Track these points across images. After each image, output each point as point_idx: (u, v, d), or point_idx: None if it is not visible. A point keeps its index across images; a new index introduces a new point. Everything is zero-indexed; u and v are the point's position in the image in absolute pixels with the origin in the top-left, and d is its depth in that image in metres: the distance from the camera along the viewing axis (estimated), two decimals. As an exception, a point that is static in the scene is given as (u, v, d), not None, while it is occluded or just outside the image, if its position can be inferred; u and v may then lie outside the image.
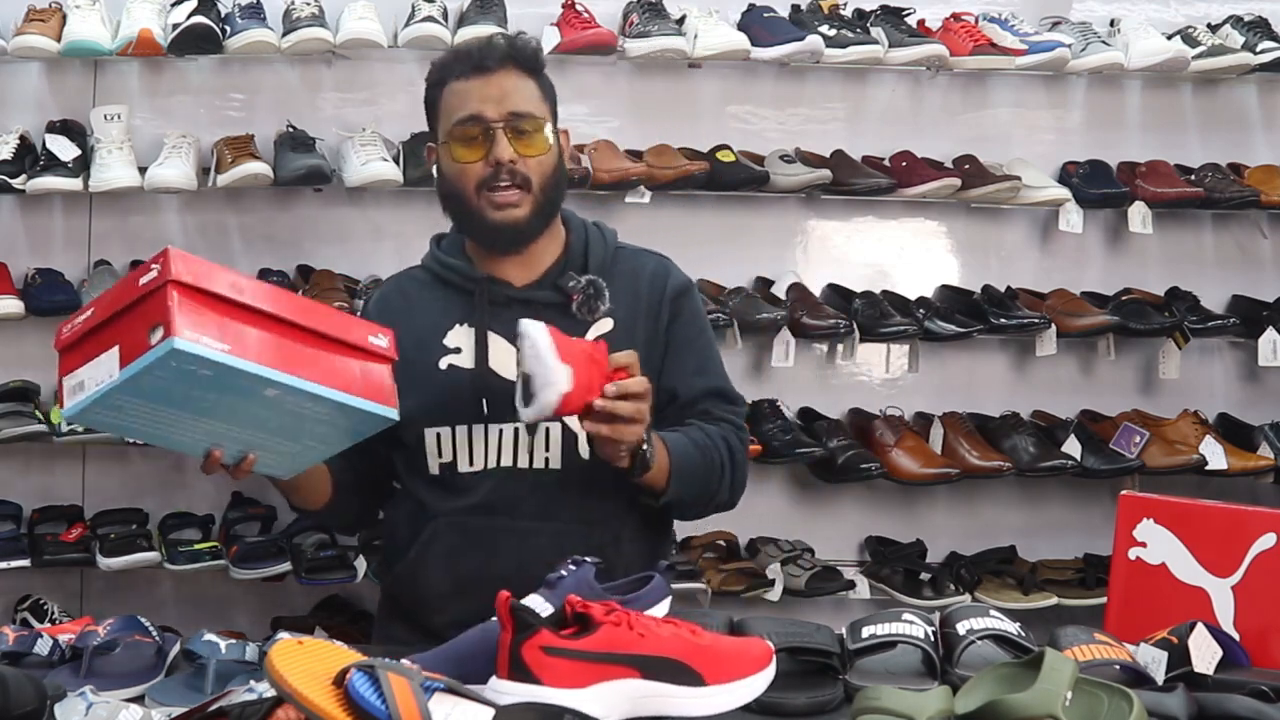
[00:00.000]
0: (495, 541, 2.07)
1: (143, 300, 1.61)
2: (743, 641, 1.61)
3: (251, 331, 1.65)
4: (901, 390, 3.44)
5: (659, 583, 1.67)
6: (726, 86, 3.42)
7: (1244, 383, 3.54)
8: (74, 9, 3.07)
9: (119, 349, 1.62)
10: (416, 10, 3.13)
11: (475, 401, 2.07)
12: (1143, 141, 3.49)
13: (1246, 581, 1.86)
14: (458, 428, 2.08)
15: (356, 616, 3.25)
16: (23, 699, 1.49)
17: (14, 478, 3.24)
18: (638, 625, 1.53)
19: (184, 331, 1.57)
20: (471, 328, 2.10)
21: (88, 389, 1.65)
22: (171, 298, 1.58)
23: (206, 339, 1.59)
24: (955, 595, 3.19)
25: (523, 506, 2.07)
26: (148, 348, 1.58)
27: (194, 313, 1.59)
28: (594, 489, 2.07)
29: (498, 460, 2.08)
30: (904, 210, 3.45)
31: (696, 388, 2.14)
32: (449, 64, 2.13)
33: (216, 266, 1.66)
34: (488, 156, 2.05)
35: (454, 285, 2.15)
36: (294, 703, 1.31)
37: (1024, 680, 1.47)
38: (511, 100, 2.06)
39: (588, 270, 2.11)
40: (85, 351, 1.67)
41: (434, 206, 3.31)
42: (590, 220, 2.23)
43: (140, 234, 3.30)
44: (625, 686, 1.51)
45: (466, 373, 2.08)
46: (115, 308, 1.64)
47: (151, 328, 1.58)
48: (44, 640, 1.77)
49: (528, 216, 2.07)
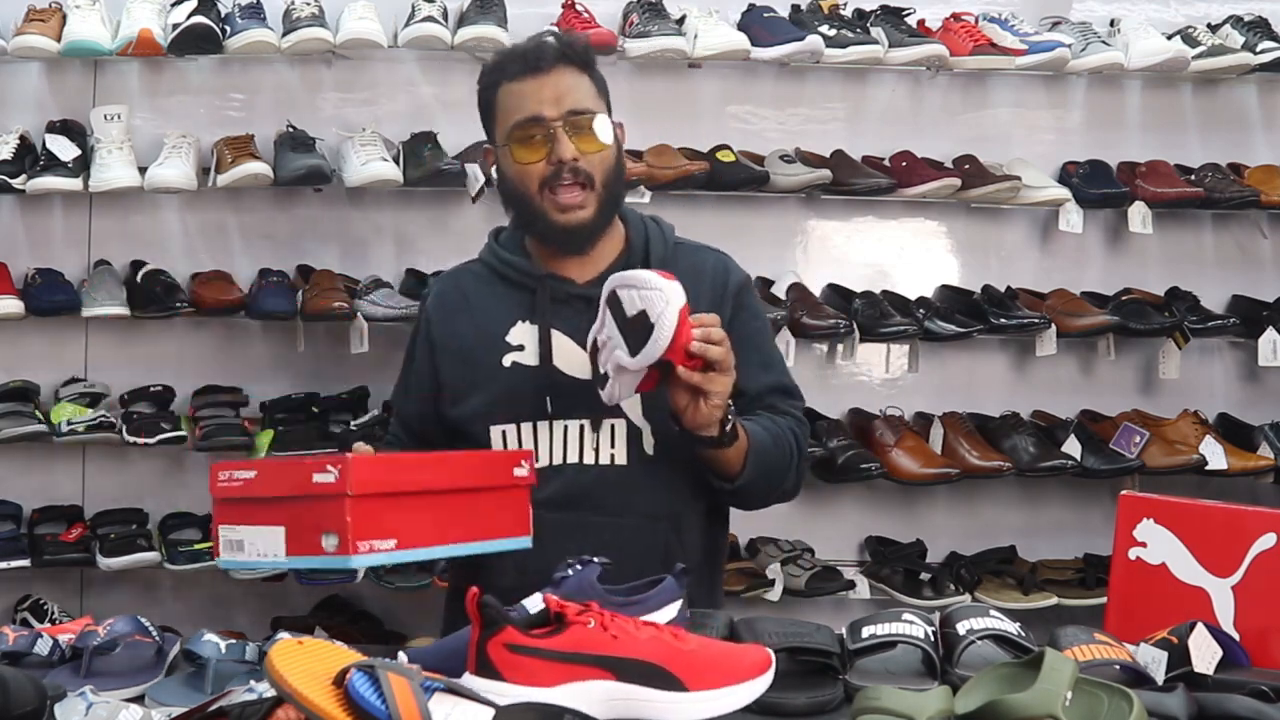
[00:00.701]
0: (561, 537, 2.07)
1: (316, 499, 1.63)
2: (738, 648, 1.60)
3: (414, 514, 1.70)
4: (901, 390, 3.44)
5: (669, 585, 1.66)
6: (726, 86, 3.42)
7: (1244, 383, 3.54)
8: (74, 9, 3.07)
9: (285, 532, 1.66)
10: (416, 10, 3.13)
11: (540, 398, 2.09)
12: (1143, 141, 3.49)
13: (1246, 581, 1.86)
14: (523, 424, 2.10)
15: (356, 616, 3.25)
16: (23, 699, 1.48)
17: (14, 478, 3.24)
18: (612, 627, 1.51)
19: (358, 545, 1.61)
20: (534, 325, 2.11)
21: (248, 553, 1.70)
22: (349, 511, 1.61)
23: (377, 543, 1.64)
24: (955, 595, 3.20)
25: (588, 502, 2.09)
26: (319, 548, 1.62)
27: (368, 519, 1.63)
28: (659, 484, 2.10)
29: (564, 457, 2.10)
30: (904, 210, 3.45)
31: (762, 383, 2.16)
32: (502, 65, 2.14)
33: (390, 463, 1.73)
34: (549, 156, 2.06)
35: (514, 282, 2.16)
36: (294, 703, 1.31)
37: (1024, 680, 1.47)
38: (569, 98, 2.07)
39: (649, 266, 2.11)
40: (247, 513, 1.71)
41: (433, 206, 3.36)
42: (648, 216, 2.24)
43: (140, 234, 3.31)
44: (597, 688, 1.49)
45: (530, 370, 2.10)
46: (284, 491, 1.67)
47: (324, 532, 1.62)
48: (44, 640, 1.77)
49: (593, 215, 2.09)
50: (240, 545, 1.70)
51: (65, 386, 3.19)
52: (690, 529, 2.15)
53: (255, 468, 1.72)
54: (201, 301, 3.14)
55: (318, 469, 1.63)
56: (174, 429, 3.07)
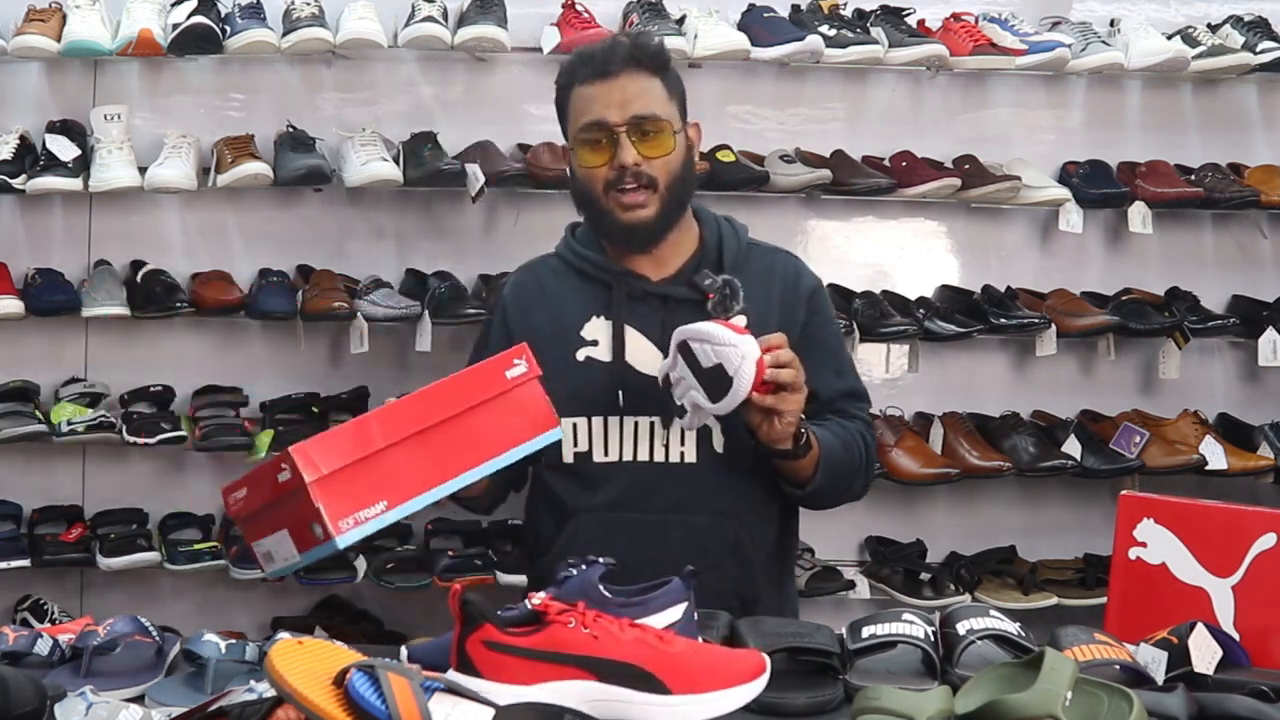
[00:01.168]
0: (633, 535, 2.12)
1: (290, 496, 1.66)
2: (732, 653, 1.59)
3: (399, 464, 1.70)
4: (901, 390, 3.44)
5: (675, 587, 1.65)
6: (726, 86, 3.42)
7: (1244, 383, 3.54)
8: (74, 9, 3.07)
9: (289, 533, 1.70)
10: (416, 10, 3.13)
11: (612, 394, 2.13)
12: (1143, 141, 3.48)
13: (1246, 581, 1.86)
14: (594, 418, 2.15)
15: (356, 616, 3.25)
16: (23, 699, 1.48)
17: (14, 478, 3.24)
18: (593, 627, 1.51)
19: (339, 525, 1.63)
20: (609, 321, 2.16)
21: (278, 561, 1.74)
22: (314, 498, 1.63)
23: (363, 512, 1.66)
24: (955, 595, 3.20)
25: (658, 500, 2.13)
26: (315, 539, 1.66)
27: (341, 497, 1.65)
28: (728, 482, 2.14)
29: (634, 453, 2.14)
30: (904, 210, 3.45)
31: (835, 389, 2.21)
32: (574, 68, 2.18)
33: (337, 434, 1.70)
34: (612, 160, 2.11)
35: (590, 276, 2.20)
36: (294, 703, 1.31)
37: (1024, 680, 1.47)
38: (635, 104, 2.11)
39: (722, 266, 2.16)
40: (261, 525, 1.75)
41: (433, 206, 3.36)
42: (722, 215, 2.27)
43: (140, 234, 3.31)
44: (577, 688, 1.49)
45: (604, 365, 2.15)
46: (267, 498, 1.71)
47: (310, 523, 1.65)
48: (44, 640, 1.77)
49: (655, 216, 2.13)
50: (271, 555, 1.75)
51: (65, 386, 3.19)
52: (760, 527, 2.19)
53: (245, 485, 1.76)
54: (201, 301, 3.14)
55: (276, 470, 1.67)
56: (174, 429, 3.07)
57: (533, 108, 3.34)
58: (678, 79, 2.21)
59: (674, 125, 2.14)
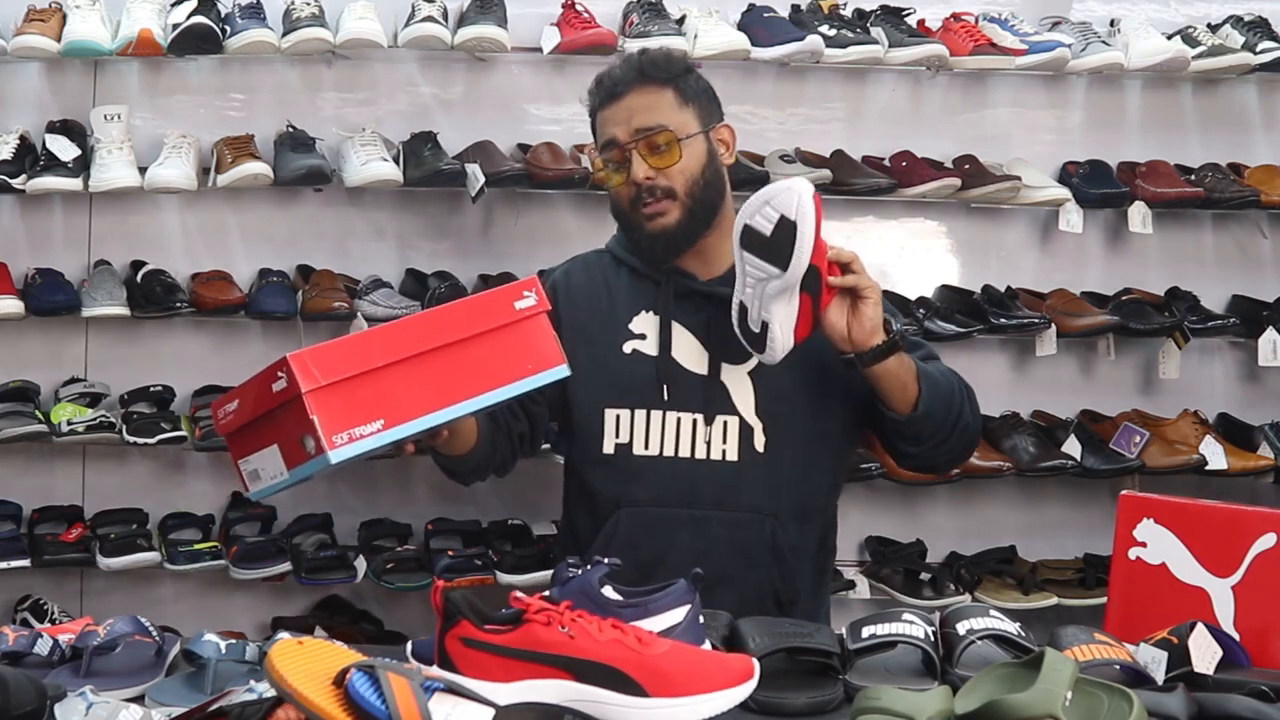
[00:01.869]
0: (674, 530, 2.15)
1: (283, 407, 1.61)
2: (719, 657, 1.58)
3: (399, 384, 1.65)
4: (901, 390, 3.44)
5: (678, 589, 1.65)
6: (726, 86, 3.36)
7: (1244, 383, 3.54)
8: (74, 9, 3.07)
9: (279, 448, 1.64)
10: (416, 10, 3.13)
11: (656, 387, 2.16)
12: (1143, 141, 3.48)
13: (1246, 581, 1.86)
14: (637, 411, 2.17)
15: (356, 616, 3.25)
16: (23, 699, 1.49)
17: (14, 478, 3.24)
18: (572, 627, 1.51)
19: (333, 439, 1.58)
20: (656, 316, 2.19)
21: (264, 479, 1.69)
22: (309, 409, 1.58)
23: (358, 429, 1.60)
24: (955, 595, 3.19)
25: (700, 496, 2.15)
26: (305, 454, 1.60)
27: (337, 411, 1.59)
28: (768, 481, 2.16)
29: (675, 449, 2.16)
30: (904, 210, 3.45)
31: None
32: (593, 94, 2.25)
33: (337, 346, 1.65)
34: (628, 179, 2.16)
35: (639, 273, 2.24)
36: (294, 703, 1.31)
37: (1024, 680, 1.47)
38: (639, 118, 2.16)
39: None
40: (250, 440, 1.69)
41: (433, 206, 3.36)
42: None
43: (140, 234, 3.31)
44: (555, 687, 1.50)
45: (650, 359, 2.18)
46: (258, 410, 1.65)
47: (301, 436, 1.59)
48: (44, 640, 1.77)
49: (677, 222, 2.16)
50: (257, 474, 1.70)
51: (65, 386, 3.19)
52: (800, 529, 2.20)
53: (236, 396, 1.70)
54: (201, 301, 3.13)
55: (272, 378, 1.61)
56: (174, 429, 3.07)
57: (533, 108, 3.34)
58: (697, 82, 2.24)
59: (684, 131, 2.16)
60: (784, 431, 2.16)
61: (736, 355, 2.15)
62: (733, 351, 2.14)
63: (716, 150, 2.22)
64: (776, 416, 2.16)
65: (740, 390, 2.17)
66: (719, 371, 2.17)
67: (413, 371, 1.67)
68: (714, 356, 2.17)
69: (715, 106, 2.26)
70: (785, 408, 2.17)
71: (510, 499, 3.28)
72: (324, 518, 3.25)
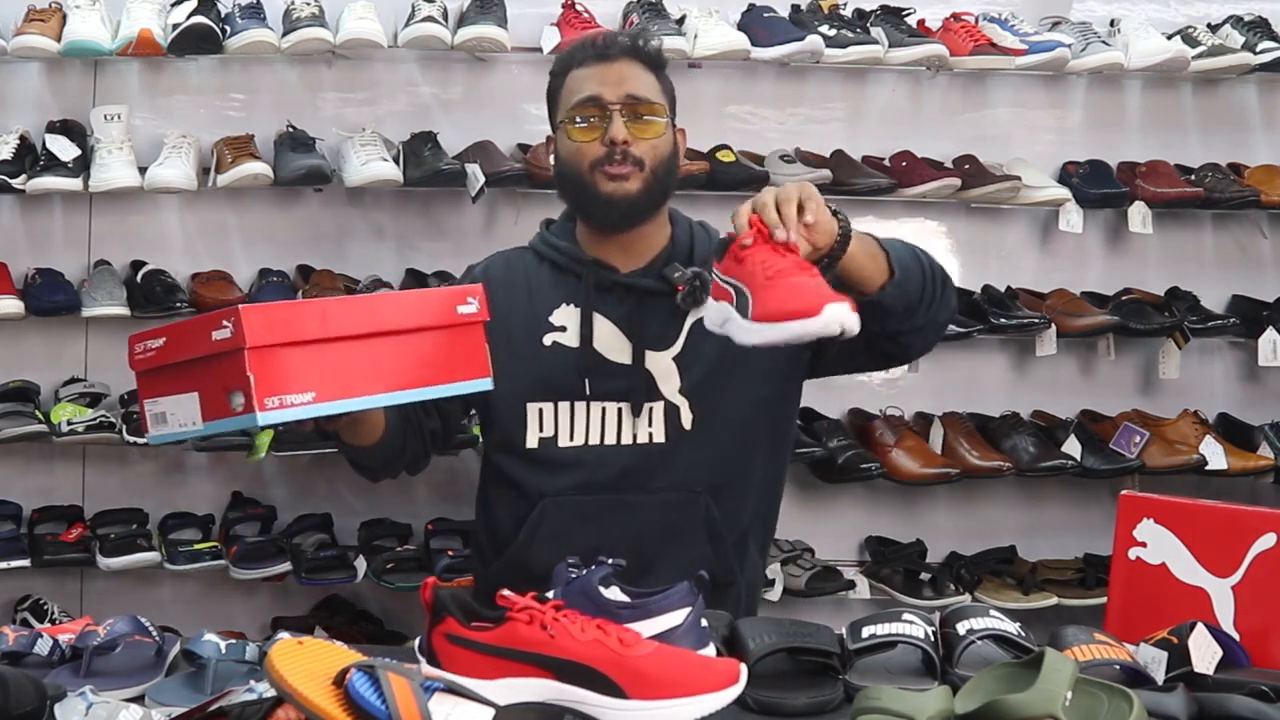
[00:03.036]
0: (602, 517, 2.12)
1: (218, 357, 1.57)
2: (705, 660, 1.56)
3: (335, 362, 1.63)
4: (901, 390, 3.44)
5: (681, 590, 1.64)
6: (726, 86, 3.42)
7: (1244, 383, 3.54)
8: (74, 9, 3.07)
9: (199, 397, 1.60)
10: (416, 10, 3.13)
11: (578, 379, 2.14)
12: (1143, 141, 3.48)
13: (1246, 581, 1.86)
14: (559, 403, 2.15)
15: (356, 616, 3.25)
16: (23, 699, 1.48)
17: (14, 478, 3.24)
18: (554, 626, 1.51)
19: (265, 402, 1.54)
20: (577, 308, 2.16)
21: (170, 425, 1.65)
22: (248, 365, 1.54)
23: (290, 396, 1.57)
24: (955, 595, 3.19)
25: (628, 481, 2.13)
26: (229, 410, 1.56)
27: (274, 374, 1.56)
28: (699, 457, 2.13)
29: (600, 438, 2.14)
30: (904, 210, 3.45)
31: None
32: (573, 53, 2.21)
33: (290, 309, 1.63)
34: (603, 136, 2.11)
35: (560, 267, 2.21)
36: (294, 703, 1.31)
37: (1024, 680, 1.47)
38: (629, 84, 2.13)
39: (692, 262, 2.15)
40: (165, 382, 1.65)
41: (433, 206, 3.35)
42: (698, 221, 2.29)
43: (140, 234, 3.31)
44: (536, 685, 1.50)
45: (571, 351, 2.16)
46: (190, 354, 1.61)
47: (230, 391, 1.55)
48: (44, 640, 1.77)
49: (639, 191, 2.12)
50: (164, 417, 1.66)
51: (65, 386, 3.19)
52: (733, 501, 2.18)
53: (165, 334, 1.67)
54: (201, 301, 3.13)
55: (215, 325, 1.57)
56: (174, 429, 3.07)
57: (533, 108, 3.34)
58: (671, 84, 2.22)
59: (667, 113, 2.16)
60: (712, 407, 2.12)
61: (660, 342, 2.14)
62: (656, 338, 2.13)
63: (678, 147, 2.21)
64: (703, 394, 2.13)
65: (665, 376, 2.14)
66: (643, 359, 2.14)
67: (350, 352, 1.65)
68: (637, 345, 2.14)
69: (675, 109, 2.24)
70: (712, 385, 2.13)
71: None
72: (324, 518, 3.25)
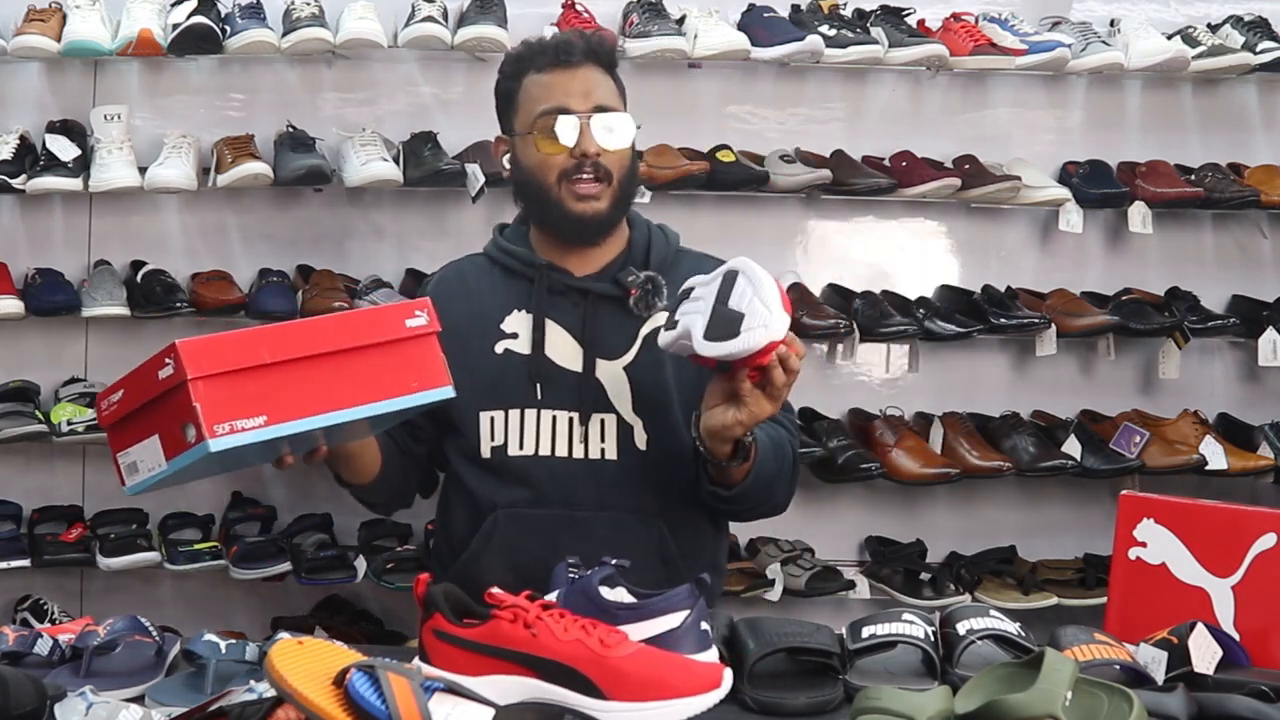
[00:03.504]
0: (554, 532, 2.10)
1: (167, 395, 1.61)
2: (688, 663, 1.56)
3: (284, 384, 1.65)
4: (901, 390, 3.44)
5: (681, 593, 1.64)
6: (726, 86, 3.42)
7: (1244, 383, 3.54)
8: (74, 9, 3.07)
9: (159, 438, 1.64)
10: (416, 10, 3.13)
11: (530, 386, 2.11)
12: (1143, 141, 3.48)
13: (1246, 581, 1.86)
14: (510, 411, 2.12)
15: (356, 616, 3.25)
16: (23, 699, 1.49)
17: (14, 478, 3.24)
18: (536, 625, 1.52)
19: (215, 429, 1.58)
20: (529, 314, 2.14)
21: (141, 472, 1.68)
22: (193, 396, 1.58)
23: (240, 421, 1.60)
24: (955, 595, 3.19)
25: (580, 497, 2.11)
26: (185, 444, 1.60)
27: (220, 401, 1.60)
28: (651, 480, 2.11)
29: (551, 448, 2.11)
30: (904, 210, 3.45)
31: None
32: (526, 56, 2.17)
33: (227, 339, 1.66)
34: (573, 149, 2.08)
35: (514, 272, 2.19)
36: (294, 703, 1.31)
37: (1024, 680, 1.47)
38: (596, 94, 2.11)
39: (649, 266, 2.14)
40: (130, 432, 1.69)
41: (433, 206, 3.35)
42: (655, 223, 2.26)
43: (140, 234, 3.31)
44: (519, 684, 1.52)
45: (522, 358, 2.13)
46: (144, 398, 1.65)
47: (183, 425, 1.60)
48: (44, 640, 1.77)
49: (607, 209, 2.11)
50: (135, 466, 1.69)
51: (65, 386, 3.19)
52: (686, 527, 2.15)
53: (122, 386, 1.70)
54: (201, 301, 3.13)
55: (159, 365, 1.62)
56: (174, 429, 3.07)
57: (533, 108, 3.33)
58: (622, 82, 2.21)
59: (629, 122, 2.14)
60: (666, 428, 2.09)
61: (611, 351, 2.12)
62: (608, 347, 2.11)
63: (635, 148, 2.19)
64: (656, 412, 2.10)
65: (616, 386, 2.11)
66: (594, 368, 2.11)
67: (299, 374, 1.67)
68: (588, 352, 2.12)
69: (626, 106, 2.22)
70: (665, 402, 2.10)
71: None
72: (324, 518, 3.25)
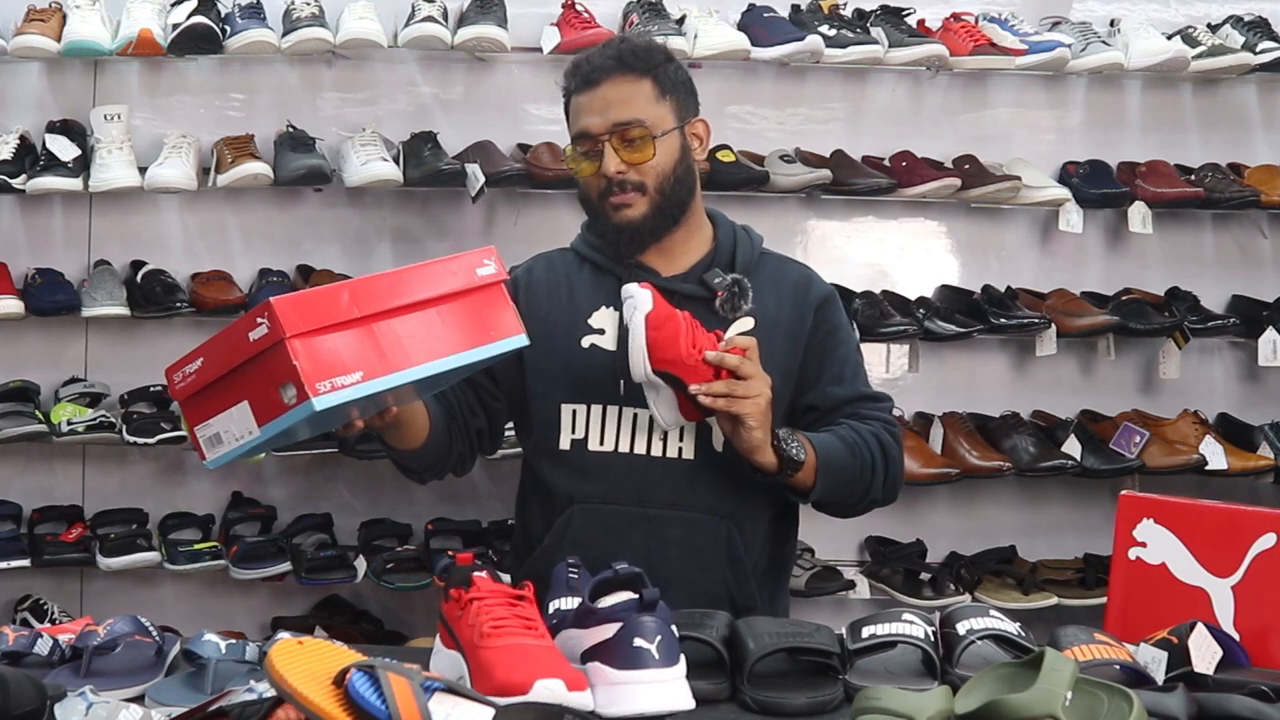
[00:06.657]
0: (627, 529, 2.11)
1: (260, 356, 1.59)
2: (566, 663, 1.52)
3: (374, 339, 1.64)
4: (901, 390, 3.43)
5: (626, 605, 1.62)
6: (726, 86, 3.42)
7: (1244, 383, 3.54)
8: (74, 9, 3.07)
9: (249, 405, 1.61)
10: (416, 10, 3.13)
11: (613, 383, 2.12)
12: (1143, 141, 3.48)
13: (1246, 581, 1.86)
14: (593, 406, 2.14)
15: (356, 616, 3.25)
16: (23, 699, 1.49)
17: (14, 478, 3.24)
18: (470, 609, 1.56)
19: (317, 386, 1.56)
20: (616, 311, 2.14)
21: (227, 442, 1.65)
22: (295, 353, 1.56)
23: (340, 379, 1.59)
24: (955, 595, 3.19)
25: (655, 495, 2.12)
26: (283, 405, 1.57)
27: (318, 359, 1.58)
28: (725, 481, 2.12)
29: (630, 445, 2.13)
30: (904, 210, 3.45)
31: (837, 397, 2.18)
32: (569, 77, 2.21)
33: (315, 295, 1.64)
34: (599, 171, 2.12)
35: (602, 268, 2.21)
36: (294, 703, 1.31)
37: (1024, 680, 1.47)
38: (615, 110, 2.12)
39: (734, 268, 2.16)
40: (211, 403, 1.66)
41: (433, 206, 3.36)
42: (739, 224, 2.28)
43: (140, 234, 3.31)
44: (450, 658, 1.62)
45: (608, 354, 2.15)
46: (231, 363, 1.62)
47: (280, 385, 1.57)
48: (44, 640, 1.77)
49: (643, 216, 2.13)
50: (218, 438, 1.66)
51: (65, 386, 3.19)
52: (755, 528, 2.18)
53: (201, 354, 1.68)
54: (201, 301, 3.14)
55: (250, 326, 1.59)
56: (174, 429, 3.07)
57: (533, 108, 3.34)
58: (677, 73, 2.21)
59: (660, 127, 2.13)
60: None
61: None
62: None
63: (690, 146, 2.20)
64: None
65: None
66: None
67: (385, 328, 1.66)
68: None
69: (693, 100, 2.23)
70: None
71: (510, 499, 3.26)
72: (324, 518, 3.25)
